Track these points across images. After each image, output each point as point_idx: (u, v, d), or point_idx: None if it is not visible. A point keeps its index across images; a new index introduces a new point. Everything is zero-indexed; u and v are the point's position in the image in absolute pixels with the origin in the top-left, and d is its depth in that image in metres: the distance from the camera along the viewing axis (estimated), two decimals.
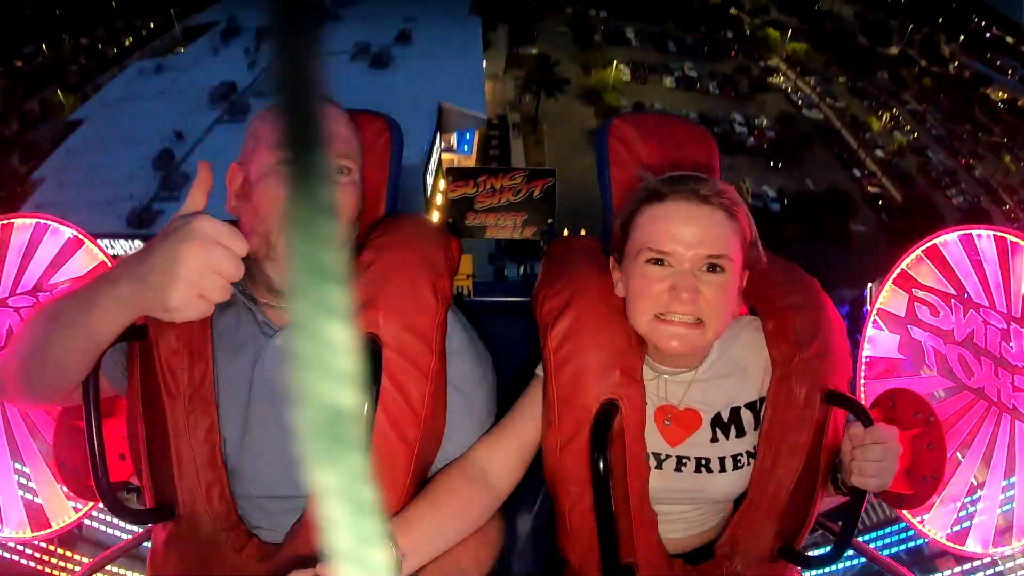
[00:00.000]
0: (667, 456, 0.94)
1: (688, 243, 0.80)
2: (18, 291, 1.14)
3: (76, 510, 1.17)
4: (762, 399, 0.97)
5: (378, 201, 1.07)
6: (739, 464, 0.94)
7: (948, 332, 1.13)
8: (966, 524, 1.11)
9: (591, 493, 0.91)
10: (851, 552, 1.06)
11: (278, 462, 0.89)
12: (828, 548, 0.91)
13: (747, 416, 0.96)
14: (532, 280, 1.07)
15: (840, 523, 0.91)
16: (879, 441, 0.85)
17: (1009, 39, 45.78)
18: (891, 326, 1.21)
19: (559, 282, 0.98)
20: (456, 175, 1.55)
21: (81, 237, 1.19)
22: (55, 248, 1.17)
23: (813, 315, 0.98)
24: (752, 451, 0.94)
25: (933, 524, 1.13)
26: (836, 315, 1.01)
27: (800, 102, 37.38)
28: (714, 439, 0.94)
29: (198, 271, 0.67)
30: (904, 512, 1.14)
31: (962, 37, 45.89)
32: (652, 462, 0.94)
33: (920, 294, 1.17)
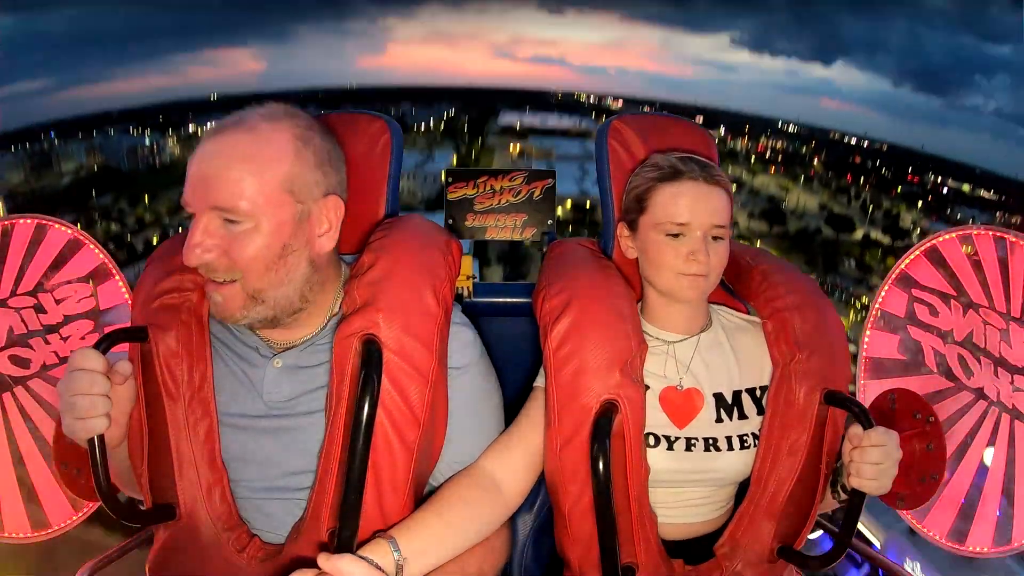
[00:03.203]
0: (677, 438, 0.96)
1: (701, 217, 0.94)
2: (18, 291, 1.14)
3: (76, 510, 1.17)
4: (763, 387, 0.99)
5: (378, 202, 1.07)
6: (746, 444, 0.96)
7: (948, 332, 1.13)
8: (966, 524, 1.11)
9: (591, 493, 0.91)
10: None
11: (277, 469, 0.89)
12: (828, 548, 0.91)
13: (748, 400, 0.99)
14: (531, 282, 1.07)
15: (840, 523, 0.91)
16: (878, 444, 0.84)
17: (965, 187, 47.41)
18: (891, 326, 1.21)
19: (559, 282, 0.98)
20: (456, 176, 1.55)
21: (81, 238, 1.19)
22: (55, 248, 1.17)
23: (813, 315, 0.98)
24: (757, 433, 0.97)
25: (933, 524, 1.14)
26: (836, 315, 1.01)
27: None
28: (719, 419, 0.97)
29: (67, 401, 0.78)
30: (904, 512, 1.14)
31: (920, 203, 47.37)
32: (663, 444, 0.95)
33: (920, 294, 1.17)
